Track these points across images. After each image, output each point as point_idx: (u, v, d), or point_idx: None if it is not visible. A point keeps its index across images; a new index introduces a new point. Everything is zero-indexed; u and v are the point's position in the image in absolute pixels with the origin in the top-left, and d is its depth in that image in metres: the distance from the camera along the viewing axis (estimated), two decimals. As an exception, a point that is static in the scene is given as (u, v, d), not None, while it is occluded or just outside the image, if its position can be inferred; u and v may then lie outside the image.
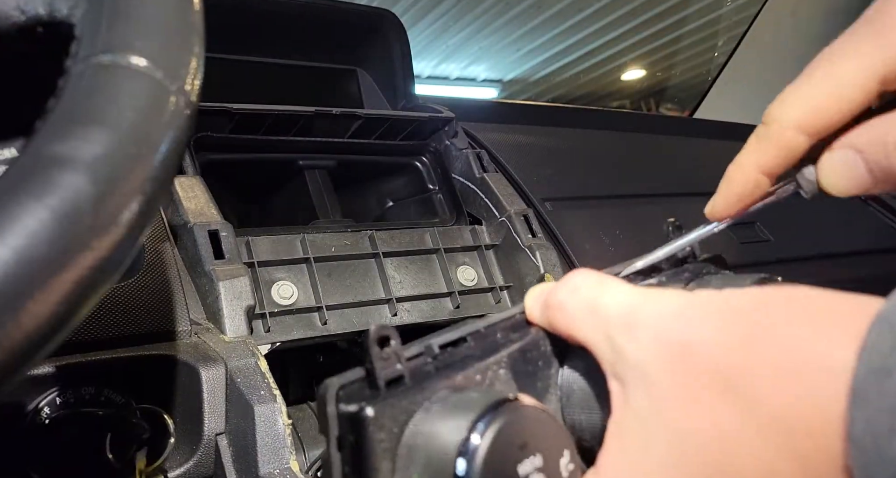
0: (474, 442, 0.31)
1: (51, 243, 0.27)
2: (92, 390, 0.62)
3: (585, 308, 0.36)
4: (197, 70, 0.34)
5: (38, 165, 0.29)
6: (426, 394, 0.34)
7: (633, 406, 0.33)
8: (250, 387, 0.63)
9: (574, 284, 0.38)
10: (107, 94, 0.31)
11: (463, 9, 4.45)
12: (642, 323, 0.33)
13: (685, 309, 0.33)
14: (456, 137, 1.02)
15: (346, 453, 0.32)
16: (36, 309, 0.27)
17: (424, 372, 0.35)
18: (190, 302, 0.70)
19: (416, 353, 0.35)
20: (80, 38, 0.34)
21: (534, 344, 0.39)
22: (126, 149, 0.30)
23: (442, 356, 0.36)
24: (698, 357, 0.31)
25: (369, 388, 0.33)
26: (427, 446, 0.32)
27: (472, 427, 0.31)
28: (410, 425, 0.33)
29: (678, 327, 0.32)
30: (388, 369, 0.33)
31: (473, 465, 0.31)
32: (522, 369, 0.38)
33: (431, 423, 0.33)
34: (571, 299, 0.37)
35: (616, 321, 0.34)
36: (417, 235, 0.90)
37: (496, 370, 0.37)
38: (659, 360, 0.32)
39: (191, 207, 0.75)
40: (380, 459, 0.32)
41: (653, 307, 0.34)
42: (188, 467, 0.63)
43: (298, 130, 0.93)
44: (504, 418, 0.32)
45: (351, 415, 0.32)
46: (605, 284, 0.36)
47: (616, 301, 0.35)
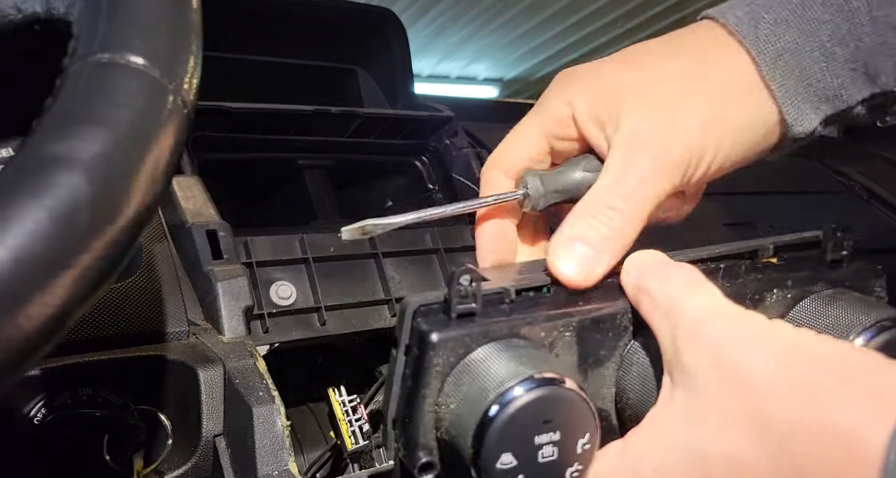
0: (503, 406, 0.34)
1: (48, 243, 0.27)
2: (89, 391, 0.62)
3: (666, 304, 0.38)
4: (195, 69, 0.34)
5: (35, 164, 0.28)
6: (490, 336, 0.37)
7: (676, 407, 0.35)
8: (249, 388, 0.62)
9: (667, 275, 0.39)
10: (104, 92, 0.31)
11: (463, 7, 4.45)
12: (707, 339, 0.35)
13: (753, 340, 0.34)
14: (456, 137, 1.02)
15: (408, 360, 0.37)
16: (33, 309, 0.27)
17: (497, 312, 0.38)
18: (188, 302, 0.70)
19: (493, 291, 0.39)
20: (77, 36, 0.34)
21: (611, 316, 0.41)
22: (123, 148, 0.30)
23: (518, 300, 0.39)
24: (748, 391, 0.32)
25: (443, 314, 0.37)
26: (469, 388, 0.36)
27: (507, 391, 0.35)
28: (464, 361, 0.37)
29: (739, 356, 0.33)
30: (462, 304, 0.37)
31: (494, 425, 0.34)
32: (589, 336, 0.40)
33: (479, 369, 0.36)
34: (659, 291, 0.39)
35: (685, 328, 0.36)
36: (417, 234, 0.89)
37: (562, 332, 0.39)
38: (710, 378, 0.34)
39: (189, 206, 0.75)
40: (433, 377, 0.36)
41: (723, 327, 0.35)
42: (186, 469, 0.63)
43: (297, 130, 0.93)
44: (536, 391, 0.35)
45: (420, 333, 0.36)
46: (694, 287, 0.38)
47: (693, 309, 0.37)
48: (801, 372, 0.32)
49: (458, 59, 5.24)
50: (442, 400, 0.37)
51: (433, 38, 4.82)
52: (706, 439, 0.33)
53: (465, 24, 4.65)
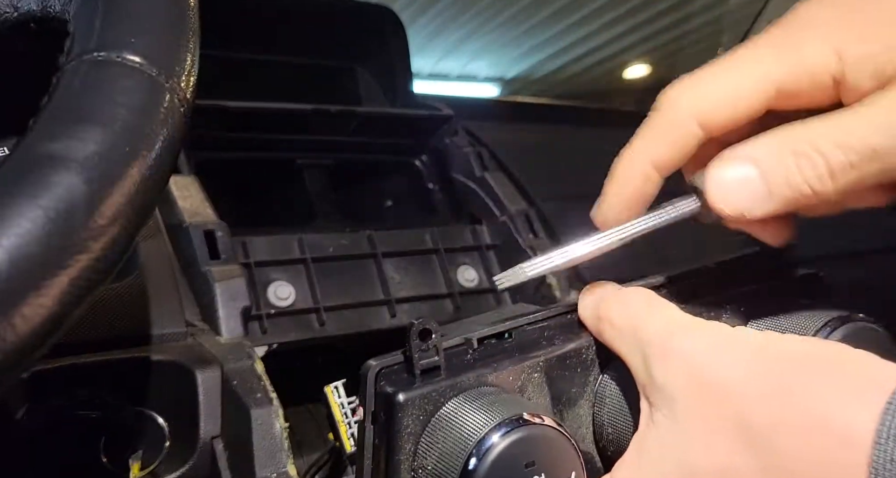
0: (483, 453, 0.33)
1: (43, 243, 0.27)
2: (85, 393, 0.62)
3: (629, 327, 0.37)
4: (192, 67, 0.34)
5: (30, 163, 0.28)
6: (458, 388, 0.36)
7: (657, 428, 0.35)
8: (247, 390, 0.62)
9: (626, 299, 0.39)
10: (100, 91, 0.31)
11: (463, 5, 4.45)
12: (677, 353, 0.34)
13: (722, 347, 0.34)
14: (456, 136, 1.02)
15: (377, 427, 0.36)
16: (29, 310, 0.27)
17: (461, 364, 0.38)
18: (185, 303, 0.70)
19: (455, 344, 0.38)
20: (73, 34, 0.34)
21: (576, 352, 0.41)
22: (120, 147, 0.30)
23: (481, 349, 0.39)
24: (726, 399, 0.32)
25: (406, 373, 0.36)
26: (444, 443, 0.35)
27: (484, 438, 0.34)
28: (435, 417, 0.36)
29: (711, 365, 0.33)
30: (425, 359, 0.36)
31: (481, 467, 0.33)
32: (558, 374, 0.40)
33: (452, 422, 0.35)
34: (620, 315, 0.38)
35: (654, 346, 0.35)
36: (417, 235, 0.89)
37: (530, 374, 0.39)
38: (687, 392, 0.33)
39: (186, 206, 0.75)
40: (405, 440, 0.35)
41: (691, 339, 0.35)
42: (183, 471, 0.63)
43: (296, 129, 0.93)
44: (515, 434, 0.34)
45: (385, 395, 0.35)
46: (654, 306, 0.38)
47: (658, 326, 0.36)
48: (775, 372, 0.31)
49: (459, 57, 5.24)
50: (418, 463, 0.36)
51: (433, 36, 4.82)
52: (692, 453, 0.33)
53: (466, 22, 4.65)
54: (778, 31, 0.36)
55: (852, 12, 0.34)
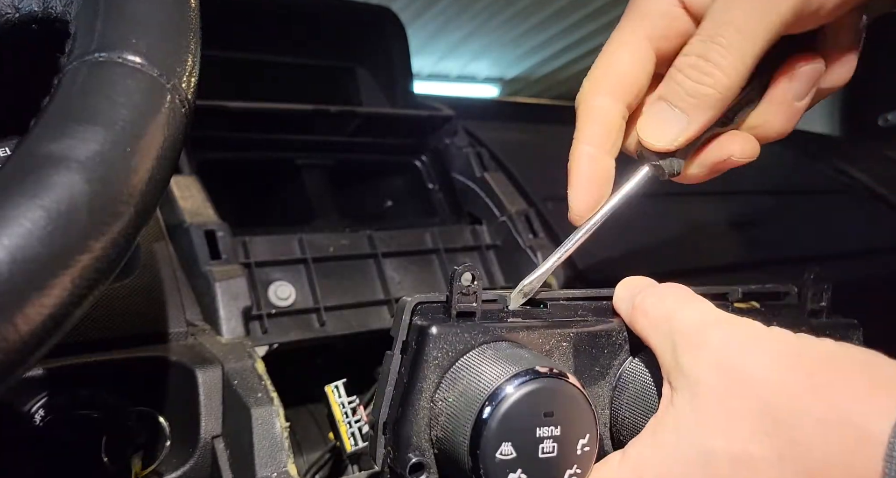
0: (504, 393, 0.35)
1: (45, 243, 0.27)
2: (87, 393, 0.62)
3: (663, 316, 0.38)
4: (193, 68, 0.34)
5: (32, 163, 0.28)
6: (489, 335, 0.38)
7: (676, 410, 0.36)
8: (247, 389, 0.62)
9: (662, 293, 0.40)
10: (102, 91, 0.30)
11: (463, 6, 4.45)
12: (709, 343, 0.35)
13: (755, 340, 0.34)
14: (456, 136, 1.02)
15: (405, 358, 0.37)
16: (31, 310, 0.27)
17: (495, 316, 0.39)
18: (186, 303, 0.70)
19: (492, 298, 0.40)
20: (74, 35, 0.34)
21: (607, 333, 0.42)
22: (121, 148, 0.30)
23: (516, 310, 0.40)
24: (751, 387, 0.33)
25: (443, 312, 0.38)
26: (468, 380, 0.36)
27: (509, 380, 0.35)
28: (465, 357, 0.37)
29: (741, 356, 0.34)
30: (463, 302, 0.37)
31: (496, 413, 0.34)
32: (585, 350, 0.41)
33: (480, 363, 0.36)
34: (655, 307, 0.39)
35: (684, 335, 0.36)
36: (417, 235, 0.89)
37: (559, 342, 0.40)
38: (712, 378, 0.34)
39: (187, 206, 0.75)
40: (431, 371, 0.37)
41: (723, 332, 0.35)
42: (184, 471, 0.63)
43: (296, 129, 0.93)
44: (539, 382, 0.35)
45: (419, 327, 0.37)
46: (689, 300, 0.39)
47: (691, 317, 0.37)
48: (806, 368, 0.32)
49: (458, 57, 5.24)
50: (439, 395, 0.37)
51: (433, 36, 4.82)
52: (711, 437, 0.33)
53: (466, 22, 4.65)
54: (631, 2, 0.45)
55: None
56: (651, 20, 0.43)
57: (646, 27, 0.43)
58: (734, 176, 0.53)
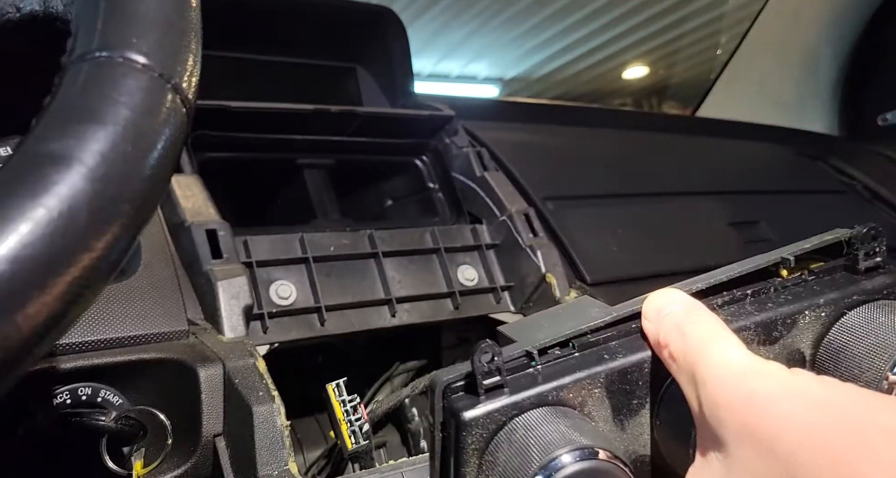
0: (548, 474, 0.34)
1: (46, 242, 0.27)
2: (88, 391, 0.62)
3: (685, 362, 0.37)
4: (194, 67, 0.34)
5: (32, 163, 0.28)
6: (521, 407, 0.37)
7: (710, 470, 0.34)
8: (248, 388, 0.62)
9: (686, 330, 0.38)
10: (103, 91, 0.30)
11: (463, 6, 4.44)
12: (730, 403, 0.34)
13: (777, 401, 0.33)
14: (456, 136, 1.02)
15: (446, 437, 0.37)
16: (31, 309, 0.27)
17: (524, 378, 0.38)
18: (187, 302, 0.70)
19: (517, 356, 0.39)
20: (75, 34, 0.34)
21: (638, 365, 0.40)
22: (122, 147, 0.30)
23: (543, 359, 0.39)
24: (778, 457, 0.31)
25: (470, 392, 0.38)
26: (505, 466, 0.36)
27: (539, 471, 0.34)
28: (498, 435, 0.37)
29: (767, 419, 0.32)
30: (488, 378, 0.37)
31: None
32: (619, 389, 0.40)
33: (513, 444, 0.36)
34: (678, 347, 0.38)
35: (707, 390, 0.35)
36: (417, 234, 0.89)
37: (591, 389, 0.39)
38: (739, 444, 0.33)
39: (188, 206, 0.75)
40: (470, 455, 0.37)
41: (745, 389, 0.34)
42: (186, 469, 0.63)
43: (297, 129, 0.93)
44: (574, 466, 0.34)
45: (451, 410, 0.37)
46: (713, 343, 0.36)
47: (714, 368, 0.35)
48: (829, 437, 0.31)
49: (459, 57, 5.23)
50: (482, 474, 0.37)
51: (433, 36, 4.81)
52: None
53: (466, 22, 4.65)
54: None
55: None
56: None
57: None
58: (734, 176, 0.53)
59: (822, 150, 1.63)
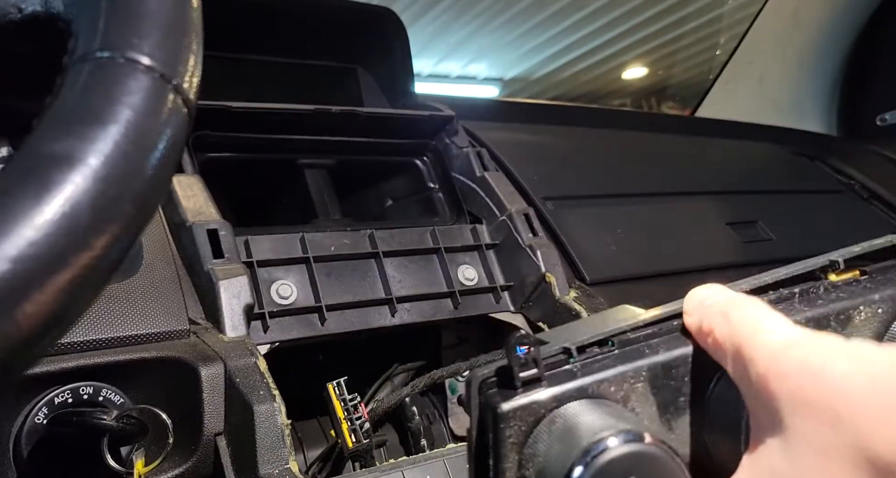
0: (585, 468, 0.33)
1: (48, 242, 0.27)
2: (90, 390, 0.62)
3: (732, 345, 0.35)
4: (195, 68, 0.34)
5: (35, 163, 0.28)
6: (559, 399, 0.36)
7: (768, 451, 0.32)
8: (249, 387, 0.62)
9: (730, 315, 0.36)
10: (104, 91, 0.31)
11: (463, 7, 4.45)
12: (785, 374, 0.32)
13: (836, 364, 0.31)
14: (456, 136, 1.02)
15: (481, 436, 0.36)
16: (33, 307, 0.27)
17: (562, 374, 0.37)
18: (189, 301, 0.70)
19: (555, 353, 0.37)
20: (77, 34, 0.34)
21: (682, 360, 0.38)
22: (123, 147, 0.30)
23: (582, 358, 0.38)
24: (842, 422, 0.29)
25: (506, 387, 0.36)
26: (546, 455, 0.35)
27: (588, 449, 0.33)
28: (538, 428, 0.36)
29: (824, 384, 0.30)
30: (524, 371, 0.35)
31: None
32: (664, 384, 0.38)
33: (553, 434, 0.35)
34: (723, 332, 0.36)
35: (758, 367, 0.33)
36: (417, 234, 0.90)
37: (633, 384, 0.37)
38: (797, 416, 0.31)
39: (190, 206, 0.75)
40: (508, 449, 0.35)
41: (799, 358, 0.32)
42: (187, 467, 0.63)
43: (298, 129, 0.93)
44: (617, 450, 0.33)
45: (488, 406, 0.35)
46: (758, 321, 0.35)
47: (763, 345, 0.33)
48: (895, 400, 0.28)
49: (459, 58, 5.23)
50: (522, 472, 0.35)
51: (433, 37, 4.81)
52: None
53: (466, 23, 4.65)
54: None
55: None
56: None
57: None
58: (733, 176, 0.53)
59: (820, 150, 1.63)
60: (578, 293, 0.90)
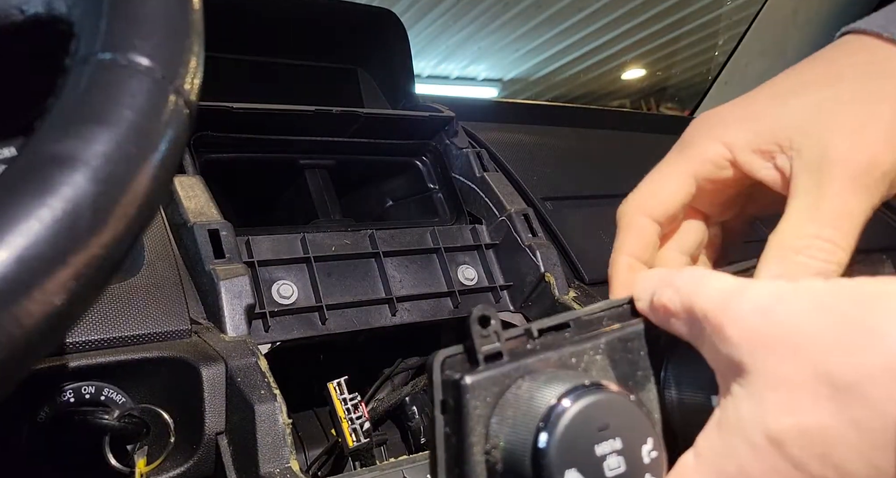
0: (554, 418, 0.33)
1: (50, 242, 0.27)
2: (91, 390, 0.62)
3: (684, 308, 0.36)
4: (197, 69, 0.34)
5: (37, 164, 0.29)
6: (521, 370, 0.36)
7: (734, 399, 0.33)
8: (250, 386, 0.63)
9: (675, 282, 0.38)
10: (106, 92, 0.31)
11: (463, 8, 4.45)
12: (735, 318, 0.33)
13: (784, 297, 0.32)
14: (456, 137, 1.02)
15: (447, 417, 0.36)
16: (35, 308, 0.27)
17: (522, 351, 0.38)
18: (190, 301, 0.70)
19: (516, 334, 0.38)
20: (79, 36, 0.34)
21: (637, 334, 0.40)
22: (125, 148, 0.30)
23: (541, 339, 0.39)
24: (798, 351, 0.30)
25: (469, 362, 0.36)
26: (514, 417, 0.35)
27: (555, 405, 0.33)
28: (503, 397, 0.36)
29: (775, 317, 0.31)
30: (486, 345, 0.36)
31: (552, 438, 0.33)
32: (622, 358, 0.39)
33: (519, 397, 0.35)
34: (673, 300, 0.37)
35: (710, 317, 0.34)
36: (417, 234, 0.90)
37: (592, 355, 0.39)
38: (755, 354, 0.31)
39: (191, 206, 0.75)
40: (475, 422, 0.35)
41: (748, 298, 0.33)
42: (188, 467, 0.63)
43: (299, 130, 0.93)
44: (585, 398, 0.33)
45: (452, 382, 0.35)
46: (704, 279, 0.36)
47: (710, 295, 0.35)
48: (850, 315, 0.29)
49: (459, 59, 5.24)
50: (490, 443, 0.35)
51: (433, 38, 4.82)
52: (773, 417, 0.30)
53: (465, 24, 4.65)
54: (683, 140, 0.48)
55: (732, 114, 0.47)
56: (700, 164, 0.47)
57: (693, 167, 0.47)
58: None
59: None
60: (577, 293, 0.90)
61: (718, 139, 0.46)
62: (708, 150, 0.46)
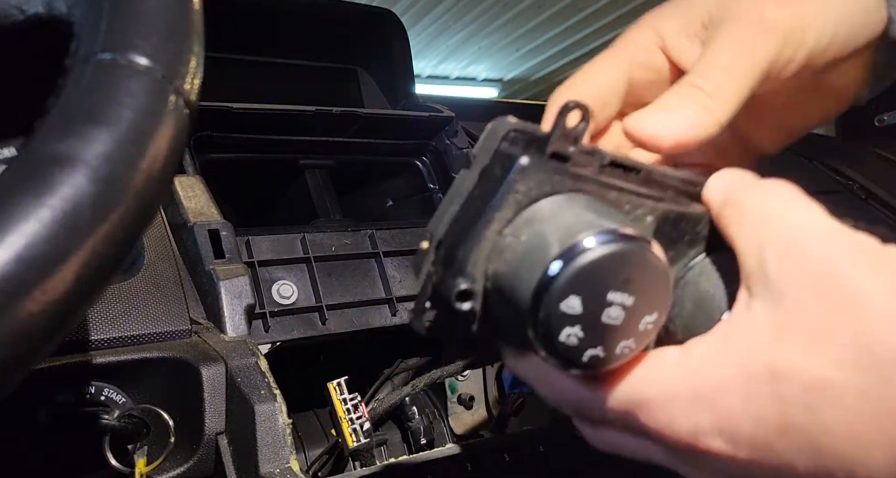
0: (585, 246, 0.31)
1: (50, 242, 0.27)
2: (92, 390, 0.62)
3: (759, 216, 0.35)
4: (197, 69, 0.34)
5: (37, 163, 0.29)
6: (578, 187, 0.34)
7: (754, 318, 0.32)
8: (250, 386, 0.63)
9: (762, 188, 0.36)
10: (106, 92, 0.31)
11: (463, 8, 4.45)
12: (806, 254, 0.32)
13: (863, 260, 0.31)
14: (456, 137, 1.02)
15: (482, 182, 0.34)
16: (35, 308, 0.27)
17: (589, 166, 0.35)
18: (190, 301, 0.70)
19: (588, 149, 0.35)
20: (79, 36, 0.34)
21: (694, 219, 0.38)
22: (125, 148, 0.30)
23: (607, 169, 0.36)
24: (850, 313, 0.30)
25: (535, 146, 0.34)
26: (552, 222, 0.33)
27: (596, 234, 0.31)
28: (548, 199, 0.34)
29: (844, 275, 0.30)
30: (560, 142, 0.34)
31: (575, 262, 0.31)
32: (667, 232, 0.38)
33: (568, 209, 0.33)
34: (755, 205, 0.36)
35: (778, 241, 0.33)
36: (417, 234, 0.90)
37: (645, 214, 0.37)
38: (804, 295, 0.31)
39: (191, 206, 0.75)
40: (509, 203, 0.33)
41: (827, 243, 0.32)
42: (188, 467, 0.63)
43: (299, 130, 0.93)
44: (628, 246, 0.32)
45: (508, 155, 0.33)
46: (793, 200, 0.35)
47: (792, 222, 0.33)
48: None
49: (459, 59, 5.24)
50: (510, 230, 0.33)
51: (434, 38, 4.82)
52: (788, 356, 0.30)
53: (466, 24, 4.65)
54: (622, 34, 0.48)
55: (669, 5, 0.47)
56: (634, 48, 0.47)
57: (629, 53, 0.47)
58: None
59: (818, 150, 1.63)
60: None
61: (649, 26, 0.47)
62: (639, 36, 0.47)
